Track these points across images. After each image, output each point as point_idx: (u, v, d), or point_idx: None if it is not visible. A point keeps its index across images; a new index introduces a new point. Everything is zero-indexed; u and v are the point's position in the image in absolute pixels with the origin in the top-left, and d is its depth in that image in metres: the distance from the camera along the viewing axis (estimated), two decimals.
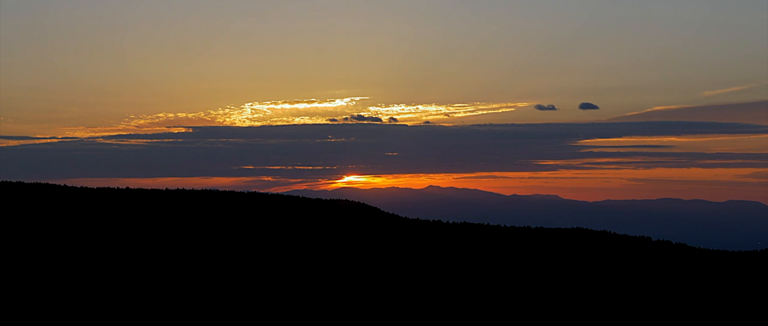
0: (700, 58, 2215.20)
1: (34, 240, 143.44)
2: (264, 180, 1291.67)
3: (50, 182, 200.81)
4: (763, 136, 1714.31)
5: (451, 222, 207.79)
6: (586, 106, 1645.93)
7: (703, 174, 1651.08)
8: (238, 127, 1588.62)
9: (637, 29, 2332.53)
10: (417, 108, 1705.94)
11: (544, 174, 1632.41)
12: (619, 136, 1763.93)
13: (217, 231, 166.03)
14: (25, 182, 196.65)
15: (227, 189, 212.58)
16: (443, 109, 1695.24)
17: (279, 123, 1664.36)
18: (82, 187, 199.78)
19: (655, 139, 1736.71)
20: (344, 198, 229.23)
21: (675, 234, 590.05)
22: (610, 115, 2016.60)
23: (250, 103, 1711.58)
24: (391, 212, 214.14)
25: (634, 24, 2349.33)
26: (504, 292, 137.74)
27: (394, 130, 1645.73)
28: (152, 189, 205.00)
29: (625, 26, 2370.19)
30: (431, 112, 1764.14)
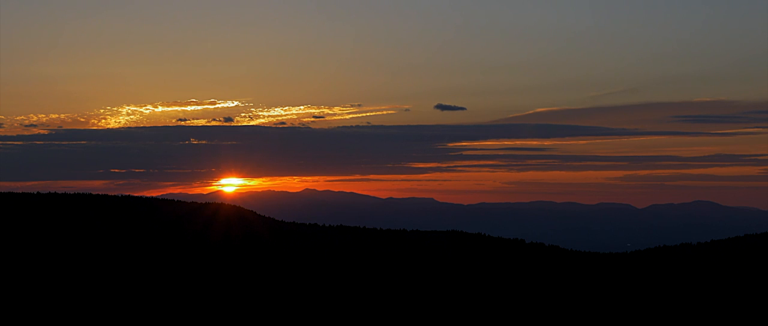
0: (584, 60, 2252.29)
1: None
2: (134, 183, 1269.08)
3: None
4: (634, 138, 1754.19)
5: (327, 225, 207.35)
6: (457, 109, 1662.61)
7: (575, 177, 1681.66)
8: (111, 129, 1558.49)
9: (517, 31, 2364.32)
10: (296, 108, 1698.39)
11: (419, 176, 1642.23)
12: (496, 139, 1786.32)
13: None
14: None
15: (98, 193, 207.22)
16: (315, 110, 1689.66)
17: (155, 125, 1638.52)
18: None
19: (527, 142, 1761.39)
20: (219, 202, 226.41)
21: (548, 236, 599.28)
22: (484, 117, 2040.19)
23: (127, 106, 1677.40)
24: (267, 215, 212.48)
25: (518, 25, 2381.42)
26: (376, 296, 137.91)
27: (272, 133, 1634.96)
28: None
29: (503, 28, 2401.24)
30: (307, 114, 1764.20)
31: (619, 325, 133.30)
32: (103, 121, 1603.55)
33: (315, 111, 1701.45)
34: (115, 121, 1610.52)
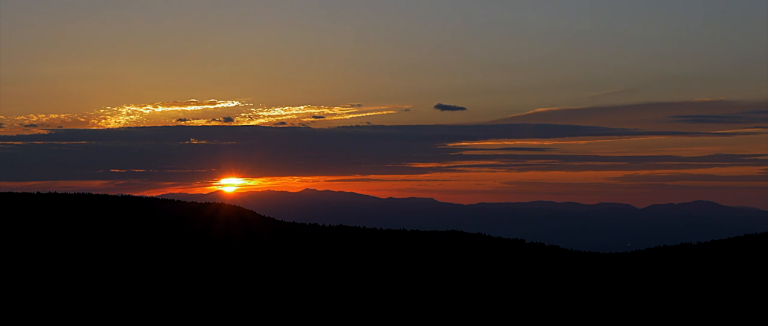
0: (584, 60, 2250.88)
1: None
2: (134, 183, 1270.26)
3: None
4: (634, 138, 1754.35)
5: (327, 225, 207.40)
6: (457, 109, 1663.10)
7: (575, 177, 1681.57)
8: (111, 129, 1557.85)
9: (517, 31, 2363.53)
10: (296, 108, 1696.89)
11: (419, 176, 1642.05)
12: (496, 139, 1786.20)
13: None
14: None
15: (98, 193, 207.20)
16: (315, 110, 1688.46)
17: (155, 125, 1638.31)
18: None
19: (527, 142, 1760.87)
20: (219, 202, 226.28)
21: (548, 236, 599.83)
22: (484, 117, 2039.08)
23: (127, 106, 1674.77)
24: (267, 215, 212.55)
25: (517, 25, 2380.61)
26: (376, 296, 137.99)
27: (272, 133, 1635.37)
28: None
29: (503, 28, 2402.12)
30: (307, 114, 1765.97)
31: (619, 325, 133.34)
32: (103, 121, 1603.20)
33: (315, 111, 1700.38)
34: (115, 121, 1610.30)
